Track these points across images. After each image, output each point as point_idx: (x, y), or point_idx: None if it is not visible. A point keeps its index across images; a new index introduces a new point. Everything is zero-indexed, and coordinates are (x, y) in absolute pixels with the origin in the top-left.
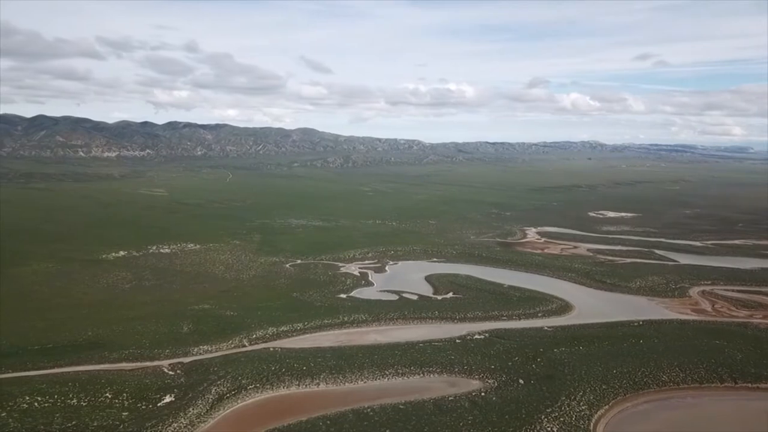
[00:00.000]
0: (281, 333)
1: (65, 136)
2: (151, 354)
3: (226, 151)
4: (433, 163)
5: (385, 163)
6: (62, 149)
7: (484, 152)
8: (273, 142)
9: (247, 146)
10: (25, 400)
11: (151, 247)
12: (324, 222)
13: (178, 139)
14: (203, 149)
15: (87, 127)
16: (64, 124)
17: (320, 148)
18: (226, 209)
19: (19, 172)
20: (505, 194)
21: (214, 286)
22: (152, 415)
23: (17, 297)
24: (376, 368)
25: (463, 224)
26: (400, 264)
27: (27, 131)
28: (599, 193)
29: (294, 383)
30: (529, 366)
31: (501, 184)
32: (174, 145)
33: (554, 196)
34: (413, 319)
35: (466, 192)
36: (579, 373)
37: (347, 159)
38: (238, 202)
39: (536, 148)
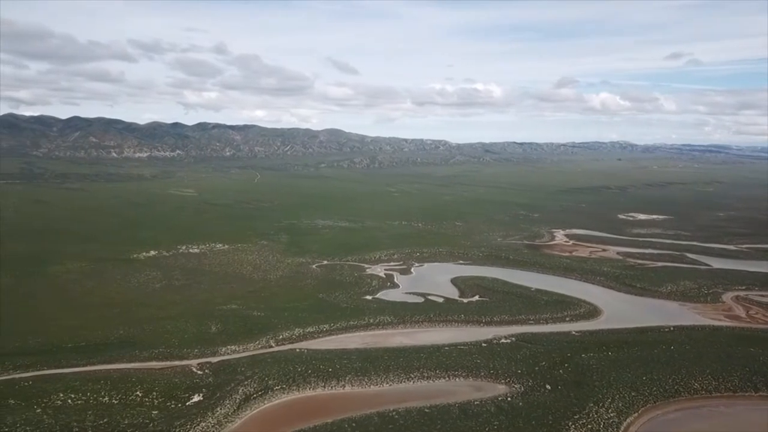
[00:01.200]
0: (307, 334)
1: (98, 137)
2: (180, 353)
3: (255, 151)
4: (460, 164)
5: (412, 163)
6: (96, 150)
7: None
8: (300, 143)
9: (274, 147)
10: (59, 397)
11: (180, 247)
12: (350, 223)
13: (208, 139)
14: (232, 150)
15: (119, 128)
16: (98, 125)
17: (347, 149)
18: (254, 210)
19: (55, 173)
20: (532, 195)
21: (241, 287)
22: (181, 414)
23: (53, 295)
24: (401, 371)
25: (490, 226)
26: (425, 266)
27: (62, 132)
28: (629, 195)
29: (320, 385)
30: (557, 371)
31: (528, 185)
32: (203, 145)
33: (583, 197)
34: (439, 321)
35: (493, 193)
36: (608, 379)
37: (373, 159)
38: (266, 202)
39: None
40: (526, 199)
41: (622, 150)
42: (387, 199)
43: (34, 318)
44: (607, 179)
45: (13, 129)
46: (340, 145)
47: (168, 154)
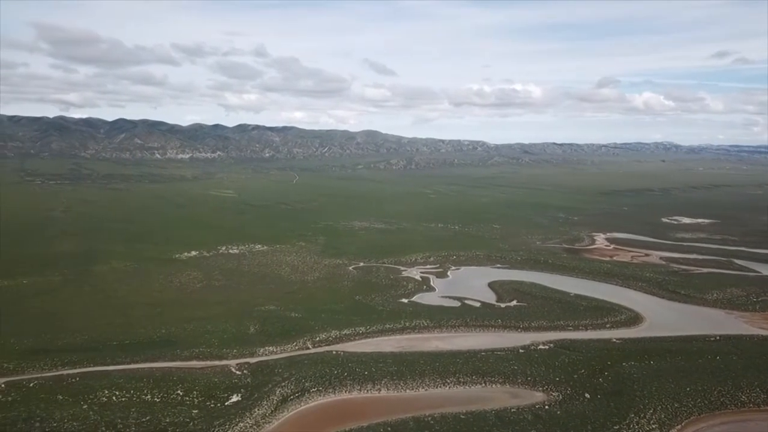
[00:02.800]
0: (344, 336)
1: (143, 138)
2: (219, 353)
3: (293, 153)
4: (498, 165)
5: (449, 164)
6: (140, 151)
7: (551, 153)
8: (338, 144)
9: (312, 148)
10: (105, 394)
11: (221, 248)
12: (386, 225)
13: (247, 141)
14: (271, 151)
15: (163, 129)
16: (142, 127)
17: (383, 150)
18: (292, 211)
19: (101, 173)
20: (572, 198)
21: (279, 287)
22: (220, 414)
23: (99, 294)
24: (437, 376)
25: (529, 229)
26: (462, 269)
27: (109, 134)
28: (673, 198)
29: (356, 388)
30: (596, 380)
31: (568, 186)
32: (243, 147)
33: (625, 200)
34: (475, 326)
35: (531, 195)
36: (649, 389)
37: (410, 161)
38: (304, 203)
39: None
40: (565, 202)
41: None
42: (423, 201)
43: (81, 316)
44: (650, 181)
45: (63, 131)
46: (377, 146)
47: (209, 156)
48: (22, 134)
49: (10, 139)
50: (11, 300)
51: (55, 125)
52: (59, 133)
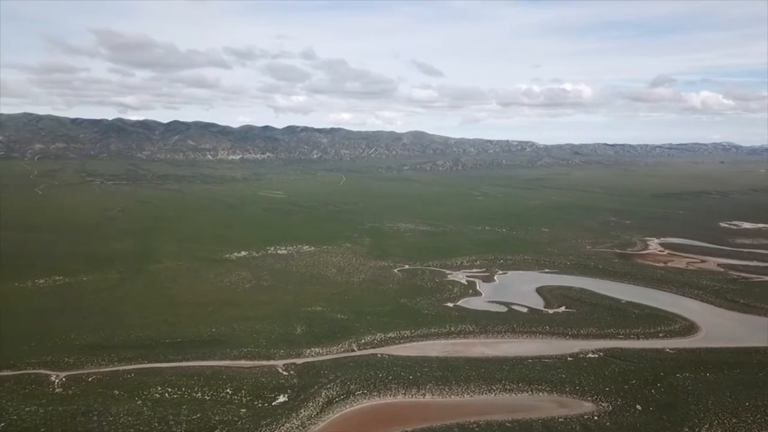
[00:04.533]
0: (389, 339)
1: (196, 140)
2: (267, 353)
3: (341, 154)
4: (547, 166)
5: (496, 165)
6: (193, 152)
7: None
8: (384, 146)
9: (359, 149)
10: (158, 391)
11: (269, 248)
12: (432, 227)
13: (296, 142)
14: (319, 152)
15: (214, 131)
16: (195, 129)
17: (430, 151)
18: (339, 212)
19: (156, 174)
20: (624, 200)
21: (326, 289)
22: (267, 414)
23: (153, 292)
24: (482, 382)
25: (578, 232)
26: (509, 274)
27: (163, 136)
28: (733, 201)
29: (400, 392)
30: (648, 391)
31: (620, 189)
32: (292, 148)
33: (680, 203)
34: (522, 333)
35: (582, 197)
36: (705, 402)
37: (457, 162)
38: (350, 205)
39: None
40: (617, 205)
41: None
42: (470, 203)
43: (136, 313)
44: (707, 183)
45: (120, 133)
46: (424, 147)
47: (258, 157)
48: (83, 136)
49: (73, 140)
50: (72, 296)
51: (113, 127)
52: (117, 135)
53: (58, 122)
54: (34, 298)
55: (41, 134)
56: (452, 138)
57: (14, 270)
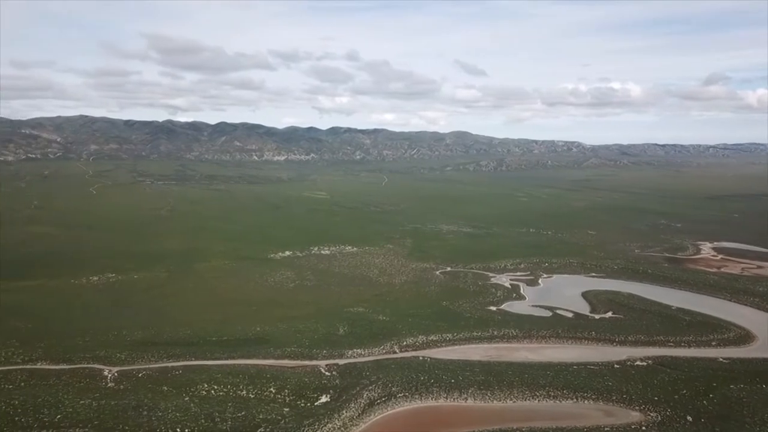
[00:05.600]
0: (430, 342)
1: (242, 141)
2: (310, 353)
3: (383, 155)
4: (594, 167)
5: (541, 166)
6: (239, 153)
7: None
8: (427, 146)
9: (402, 150)
10: (204, 388)
11: (313, 248)
12: (474, 229)
13: (339, 143)
14: (361, 153)
15: (260, 132)
16: (242, 130)
17: (473, 151)
18: (381, 213)
19: (204, 174)
20: (675, 203)
21: (368, 290)
22: (310, 414)
23: (201, 291)
24: (525, 388)
25: (626, 236)
26: (554, 277)
27: (211, 137)
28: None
29: (442, 395)
30: (700, 402)
31: (671, 190)
32: (335, 149)
33: (735, 206)
34: (567, 338)
35: (630, 199)
36: (761, 416)
37: (501, 162)
38: (392, 205)
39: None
40: (667, 207)
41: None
42: (514, 204)
43: (184, 311)
44: (764, 186)
45: (170, 134)
46: (467, 148)
47: (303, 158)
48: (135, 137)
49: (125, 142)
50: (124, 293)
51: (163, 129)
52: (167, 136)
53: (112, 124)
54: (88, 294)
55: (96, 136)
56: (496, 138)
57: (70, 267)
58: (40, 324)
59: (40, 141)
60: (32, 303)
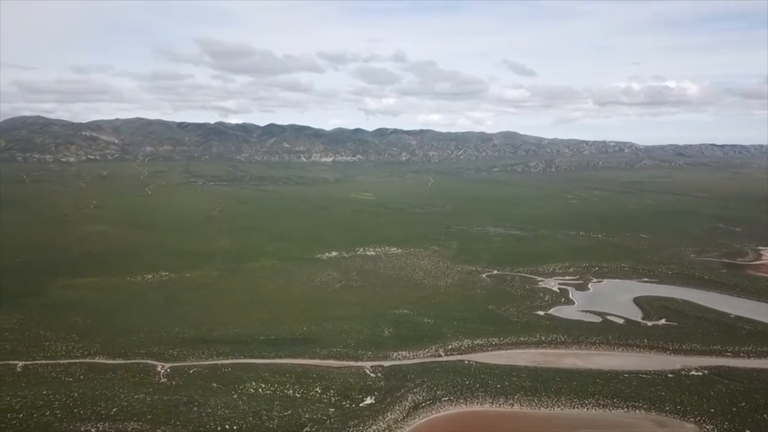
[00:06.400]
0: (476, 346)
1: (290, 142)
2: (355, 354)
3: (429, 156)
4: (648, 168)
5: (592, 167)
6: (288, 155)
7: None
8: (474, 147)
9: (448, 151)
10: (252, 386)
11: (358, 249)
12: (522, 231)
13: (386, 145)
14: (407, 154)
15: (308, 134)
16: (290, 132)
17: (521, 152)
18: (427, 214)
19: (254, 176)
20: (734, 206)
21: (413, 292)
22: (355, 415)
23: (249, 290)
24: (574, 395)
25: (682, 240)
26: (605, 282)
27: (260, 138)
28: None
29: (487, 400)
30: (760, 415)
31: (730, 193)
32: (381, 150)
33: None
34: (618, 345)
35: (685, 202)
36: None
37: (550, 163)
38: (438, 207)
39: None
40: (726, 210)
41: None
42: (563, 206)
43: (233, 309)
44: None
45: (221, 136)
46: (515, 148)
47: (349, 159)
48: (188, 139)
49: (178, 143)
50: (176, 291)
51: (215, 131)
52: (218, 138)
53: (166, 126)
54: (142, 292)
55: (151, 138)
56: (545, 138)
57: (126, 265)
58: (98, 319)
59: (99, 143)
60: (91, 299)
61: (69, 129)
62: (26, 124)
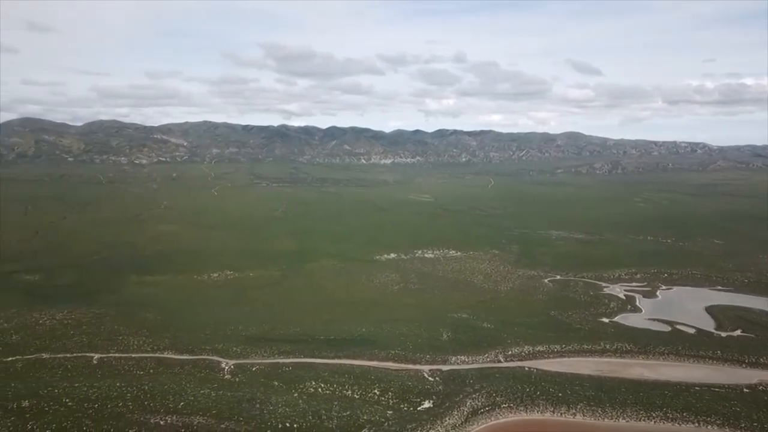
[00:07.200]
0: (537, 353)
1: (351, 144)
2: (413, 357)
3: (489, 157)
4: (722, 170)
5: (661, 169)
6: (348, 157)
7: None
8: (536, 148)
9: (509, 152)
10: (312, 385)
11: (417, 252)
12: (586, 235)
13: (445, 146)
14: (467, 155)
15: (368, 136)
16: (350, 134)
17: (586, 153)
18: (487, 217)
19: (315, 177)
20: None
21: (472, 296)
22: (413, 418)
23: (310, 290)
24: (640, 407)
25: (759, 246)
26: (674, 289)
27: (322, 141)
28: None
29: (548, 409)
30: None
31: None
32: (441, 151)
33: None
34: (688, 356)
35: (764, 206)
36: None
37: (616, 165)
38: (499, 209)
39: None
40: None
41: None
42: (630, 210)
43: (295, 309)
44: None
45: (284, 138)
46: (579, 149)
47: (408, 161)
48: (253, 141)
49: (243, 146)
50: (240, 290)
51: (278, 133)
52: (281, 140)
53: (232, 129)
54: (209, 290)
55: (218, 140)
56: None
57: (194, 264)
58: (167, 316)
59: (170, 145)
60: (161, 296)
61: (141, 132)
62: (103, 127)
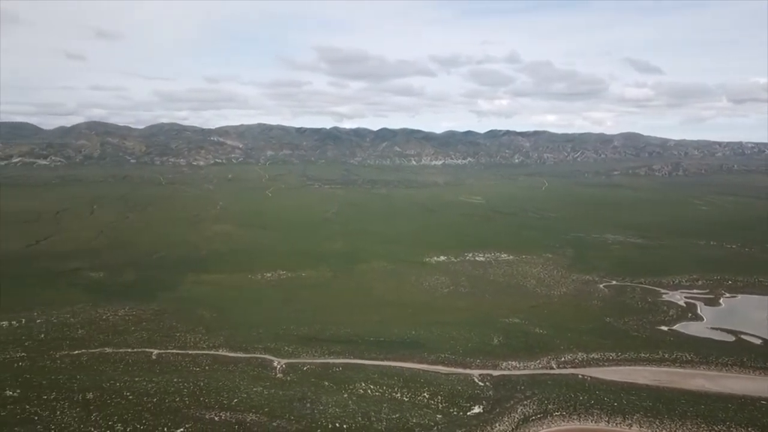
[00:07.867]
0: (591, 360)
1: (401, 146)
2: (463, 361)
3: (543, 158)
4: None
5: (726, 171)
6: (399, 158)
7: None
8: (592, 149)
9: (564, 153)
10: (361, 386)
11: (467, 254)
12: (645, 239)
13: (497, 147)
14: (520, 156)
15: (419, 137)
16: (401, 136)
17: (645, 154)
18: (540, 219)
19: (366, 179)
20: None
21: (524, 300)
22: (462, 423)
23: (360, 291)
24: (701, 420)
25: None
26: (739, 297)
27: (373, 142)
28: None
29: (603, 419)
30: None
31: None
32: (493, 153)
33: None
34: (755, 368)
35: None
36: None
37: (676, 166)
38: (552, 212)
39: None
40: None
41: None
42: (691, 213)
43: (345, 310)
44: None
45: (336, 140)
46: (637, 150)
47: (460, 162)
48: (305, 143)
49: (297, 148)
50: (293, 290)
51: (330, 135)
52: (333, 142)
53: (285, 131)
54: (262, 289)
55: (272, 142)
56: (671, 140)
57: (248, 263)
58: (222, 314)
59: (226, 147)
60: (216, 294)
61: (199, 134)
62: (163, 130)
